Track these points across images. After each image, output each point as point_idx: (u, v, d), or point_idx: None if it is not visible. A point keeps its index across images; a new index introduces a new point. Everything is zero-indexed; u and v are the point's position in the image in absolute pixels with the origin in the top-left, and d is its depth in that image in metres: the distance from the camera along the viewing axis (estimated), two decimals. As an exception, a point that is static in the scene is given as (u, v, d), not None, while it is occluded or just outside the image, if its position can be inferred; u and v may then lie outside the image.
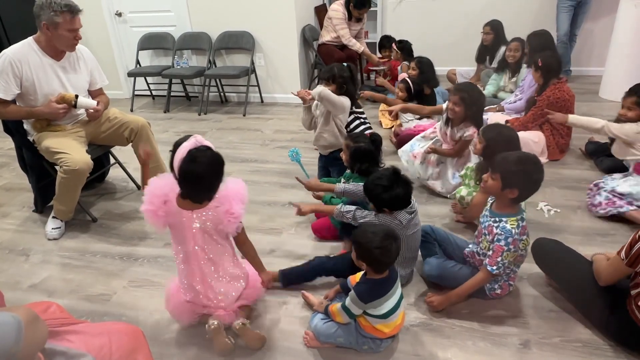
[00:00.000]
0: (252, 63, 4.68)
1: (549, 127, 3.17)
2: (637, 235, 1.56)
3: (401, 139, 3.45)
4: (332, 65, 2.85)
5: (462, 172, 2.58)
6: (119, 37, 5.10)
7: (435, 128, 3.04)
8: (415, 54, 4.23)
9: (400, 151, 3.13)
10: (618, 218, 2.50)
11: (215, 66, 4.84)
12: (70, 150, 2.50)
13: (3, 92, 2.44)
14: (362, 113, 3.04)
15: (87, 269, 2.41)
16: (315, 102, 2.84)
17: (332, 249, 2.41)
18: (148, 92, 5.28)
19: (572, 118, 2.77)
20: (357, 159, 2.41)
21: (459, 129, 2.75)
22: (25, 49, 2.47)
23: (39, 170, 2.80)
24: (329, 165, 2.98)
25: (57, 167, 2.54)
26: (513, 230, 1.76)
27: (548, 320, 1.90)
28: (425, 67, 3.68)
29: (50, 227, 2.70)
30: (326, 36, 4.69)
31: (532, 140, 3.10)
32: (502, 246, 1.76)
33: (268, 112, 4.66)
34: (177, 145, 1.61)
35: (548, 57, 3.15)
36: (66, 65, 2.60)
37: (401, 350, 1.80)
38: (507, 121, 3.27)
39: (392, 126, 3.80)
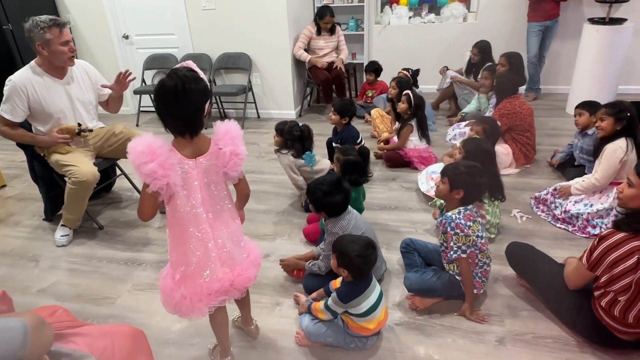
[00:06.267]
0: (249, 82, 4.68)
1: (509, 137, 3.24)
2: (595, 242, 1.58)
3: (390, 156, 3.46)
4: (285, 121, 2.82)
5: None
6: (125, 58, 5.08)
7: None
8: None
9: (422, 172, 3.10)
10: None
11: (215, 85, 4.83)
12: (78, 163, 2.48)
13: (9, 114, 2.41)
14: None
15: (93, 273, 2.38)
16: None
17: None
18: (153, 108, 5.25)
19: (573, 190, 2.57)
20: (347, 170, 2.42)
21: None
22: (29, 73, 2.42)
23: (49, 181, 2.77)
24: None
25: (66, 179, 2.51)
26: (454, 216, 1.83)
27: (521, 319, 1.90)
28: (405, 86, 3.67)
29: (59, 235, 2.67)
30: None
31: (502, 153, 3.17)
32: (450, 232, 1.83)
33: (264, 127, 4.65)
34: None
35: (501, 77, 3.33)
36: (70, 81, 2.54)
37: (386, 348, 1.79)
38: None
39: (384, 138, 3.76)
